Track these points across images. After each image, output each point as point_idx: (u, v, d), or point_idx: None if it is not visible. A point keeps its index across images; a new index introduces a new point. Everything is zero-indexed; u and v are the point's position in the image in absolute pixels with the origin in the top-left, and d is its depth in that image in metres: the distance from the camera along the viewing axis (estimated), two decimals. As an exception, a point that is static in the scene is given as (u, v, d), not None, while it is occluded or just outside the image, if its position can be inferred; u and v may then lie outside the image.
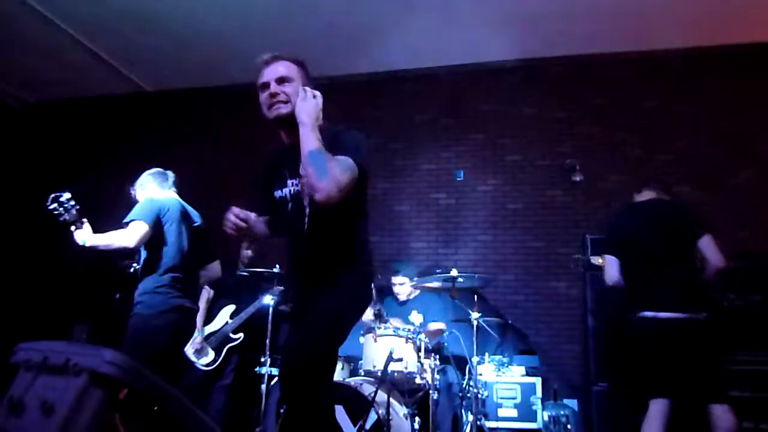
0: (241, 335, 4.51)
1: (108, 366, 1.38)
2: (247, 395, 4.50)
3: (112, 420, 1.43)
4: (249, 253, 4.72)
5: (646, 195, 3.49)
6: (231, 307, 4.58)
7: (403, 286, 4.53)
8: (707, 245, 3.17)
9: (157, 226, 3.19)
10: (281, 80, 2.16)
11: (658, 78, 5.42)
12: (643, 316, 3.13)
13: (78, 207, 3.09)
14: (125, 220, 3.16)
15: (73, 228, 3.06)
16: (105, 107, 6.78)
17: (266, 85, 2.18)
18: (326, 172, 1.90)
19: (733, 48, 5.25)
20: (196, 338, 4.34)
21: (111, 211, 4.40)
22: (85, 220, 3.10)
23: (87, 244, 3.05)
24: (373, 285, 2.33)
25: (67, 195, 3.07)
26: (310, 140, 1.98)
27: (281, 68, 2.19)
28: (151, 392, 1.49)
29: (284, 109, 2.14)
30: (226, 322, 4.52)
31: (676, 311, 3.06)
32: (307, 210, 2.16)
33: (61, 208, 3.05)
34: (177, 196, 3.50)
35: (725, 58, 5.30)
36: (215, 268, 3.70)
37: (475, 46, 5.51)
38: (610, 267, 3.33)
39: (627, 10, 4.83)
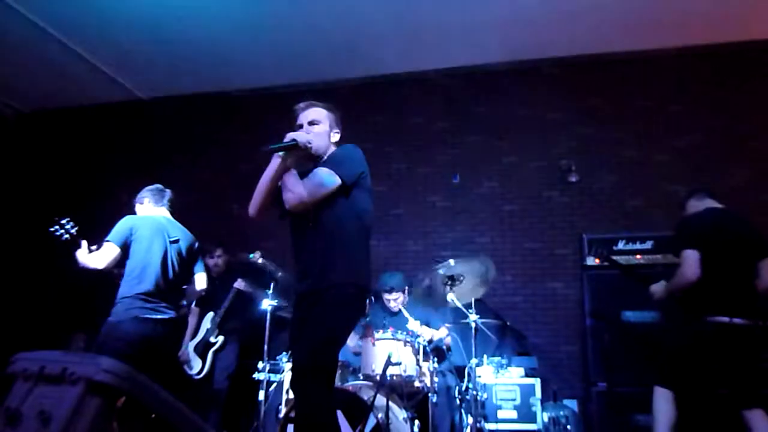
0: (221, 338, 4.67)
1: (105, 374, 1.39)
2: (245, 401, 4.50)
3: (110, 428, 1.43)
4: (219, 261, 4.91)
5: (709, 203, 3.51)
6: (210, 314, 4.76)
7: (398, 300, 4.47)
8: (765, 266, 3.33)
9: (126, 245, 3.50)
10: (312, 123, 2.59)
11: (653, 78, 5.44)
12: (717, 320, 3.16)
13: (77, 228, 3.52)
14: (106, 239, 3.50)
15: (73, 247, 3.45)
16: (100, 115, 6.77)
17: (300, 126, 2.60)
18: (291, 189, 2.37)
19: (727, 47, 5.27)
20: (183, 351, 4.65)
21: (108, 218, 4.42)
22: (83, 241, 3.47)
23: (79, 262, 3.45)
24: (365, 301, 2.49)
25: (67, 219, 3.53)
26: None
27: (312, 113, 2.62)
28: (148, 400, 1.49)
29: (312, 148, 2.50)
30: (207, 329, 4.71)
31: (746, 317, 3.17)
32: (311, 214, 2.43)
33: (62, 230, 3.49)
34: (167, 214, 3.81)
35: (720, 56, 5.33)
36: (199, 281, 3.91)
37: (469, 49, 5.52)
38: (693, 261, 3.19)
39: (621, 10, 4.85)
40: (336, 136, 2.66)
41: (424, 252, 5.55)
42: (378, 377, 3.53)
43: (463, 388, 4.06)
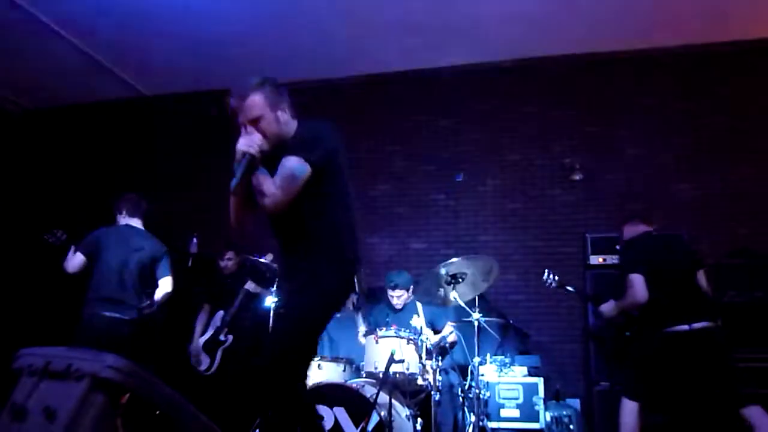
0: (230, 337, 4.65)
1: (109, 371, 1.39)
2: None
3: (115, 424, 1.43)
4: (228, 264, 4.91)
5: (642, 228, 3.79)
6: (221, 313, 4.76)
7: (401, 297, 4.49)
8: (702, 275, 3.62)
9: (91, 253, 4.06)
10: (253, 122, 2.29)
11: (657, 76, 5.43)
12: (676, 330, 3.32)
13: (66, 236, 4.12)
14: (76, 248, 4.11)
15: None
16: (103, 112, 6.78)
17: (244, 126, 2.32)
18: (264, 192, 2.17)
19: (731, 45, 5.25)
20: (193, 346, 4.72)
21: (110, 213, 4.44)
22: (72, 246, 4.07)
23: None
24: (352, 278, 2.33)
25: (61, 230, 4.13)
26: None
27: (248, 110, 2.30)
28: (152, 396, 1.50)
29: (268, 145, 2.27)
30: (216, 327, 4.71)
31: (703, 321, 3.33)
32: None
33: (54, 237, 4.11)
34: (137, 225, 4.29)
35: (723, 54, 5.31)
36: (162, 286, 4.22)
37: (471, 46, 5.52)
38: (640, 285, 3.43)
39: (624, 7, 4.84)
40: (284, 110, 2.33)
41: (427, 251, 5.54)
42: (381, 374, 3.54)
43: (466, 387, 4.06)
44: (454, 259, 3.89)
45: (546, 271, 4.23)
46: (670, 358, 3.35)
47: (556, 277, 4.18)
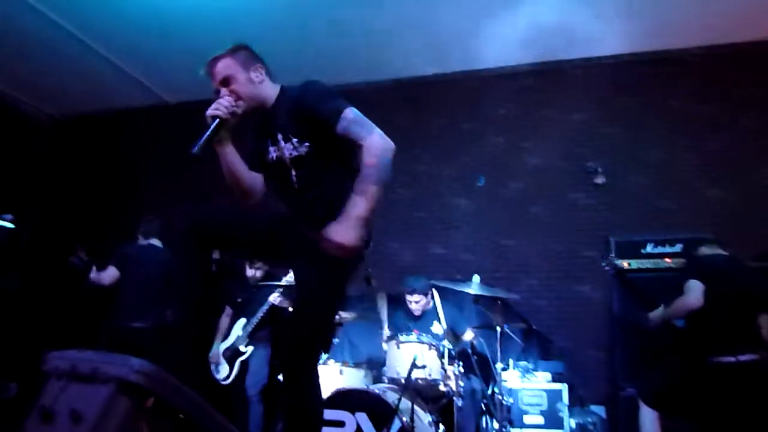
0: (251, 348, 4.62)
1: (135, 375, 1.40)
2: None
3: (139, 428, 1.44)
4: (257, 273, 4.88)
5: (718, 250, 3.62)
6: (242, 321, 4.72)
7: (419, 303, 4.47)
8: (765, 319, 3.39)
9: (121, 269, 4.71)
10: (224, 83, 2.21)
11: (680, 77, 5.34)
12: (722, 361, 3.19)
13: (88, 258, 4.70)
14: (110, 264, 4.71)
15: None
16: (130, 119, 6.91)
17: (217, 92, 2.24)
18: (384, 172, 2.03)
19: (756, 45, 5.15)
20: (213, 353, 4.73)
21: (136, 218, 4.53)
22: (93, 267, 4.68)
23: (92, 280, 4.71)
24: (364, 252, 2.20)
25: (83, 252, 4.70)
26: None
27: (218, 73, 2.23)
28: (177, 401, 1.51)
29: (241, 106, 2.19)
30: (238, 336, 4.68)
31: (750, 353, 3.19)
32: (293, 172, 2.18)
33: (78, 259, 4.67)
34: (156, 243, 4.86)
35: (748, 55, 5.20)
36: None
37: (493, 50, 5.49)
38: (698, 291, 3.29)
39: (646, 9, 4.78)
40: (259, 71, 2.25)
41: (448, 255, 5.52)
42: (403, 380, 3.53)
43: (489, 393, 4.03)
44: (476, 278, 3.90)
45: (610, 255, 4.15)
46: (712, 390, 3.23)
47: (616, 263, 4.07)
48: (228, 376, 4.60)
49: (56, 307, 6.09)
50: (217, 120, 2.09)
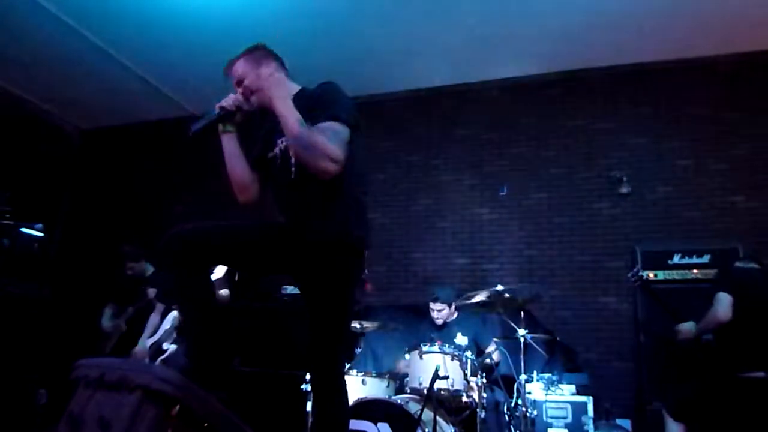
0: (172, 347, 4.26)
1: (161, 383, 1.42)
2: (291, 415, 4.42)
3: (165, 436, 1.46)
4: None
5: (753, 265, 3.56)
6: (173, 314, 4.32)
7: (442, 312, 4.45)
8: None
9: None
10: (239, 83, 2.28)
11: (706, 85, 5.26)
12: (751, 377, 3.13)
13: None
14: None
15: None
16: (155, 131, 7.03)
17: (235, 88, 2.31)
18: (316, 151, 1.94)
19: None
20: (138, 350, 4.33)
21: (163, 230, 4.57)
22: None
23: None
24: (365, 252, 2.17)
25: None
26: (288, 122, 2.01)
27: (235, 74, 2.32)
28: (201, 410, 1.52)
29: (252, 100, 2.25)
30: (165, 330, 4.34)
31: None
32: (293, 160, 2.15)
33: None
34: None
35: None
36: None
37: (516, 60, 5.49)
38: (726, 303, 3.26)
39: (671, 17, 4.73)
40: (271, 66, 2.31)
41: (471, 265, 5.49)
42: (425, 390, 3.51)
43: (512, 405, 3.98)
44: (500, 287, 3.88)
45: (636, 267, 4.10)
46: (740, 405, 3.15)
47: (642, 275, 4.01)
48: None
49: (86, 314, 6.20)
50: (221, 111, 2.17)
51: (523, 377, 3.88)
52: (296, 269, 2.20)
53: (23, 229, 4.69)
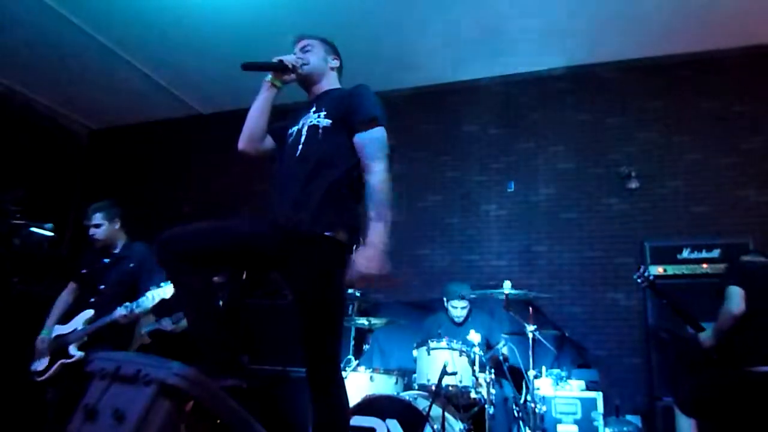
0: (81, 354, 3.57)
1: (176, 378, 1.44)
2: (300, 413, 4.39)
3: (179, 431, 1.48)
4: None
5: (761, 260, 3.56)
6: (89, 313, 3.72)
7: (464, 309, 4.46)
8: None
9: None
10: (303, 49, 2.48)
11: (716, 79, 5.23)
12: (759, 371, 3.11)
13: None
14: None
15: None
16: (164, 130, 7.08)
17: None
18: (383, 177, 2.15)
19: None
20: (43, 338, 3.73)
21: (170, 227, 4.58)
22: None
23: None
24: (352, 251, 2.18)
25: None
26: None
27: (303, 42, 2.53)
28: (215, 406, 1.54)
29: (306, 68, 2.41)
30: (75, 329, 3.69)
31: None
32: (302, 138, 2.26)
33: None
34: None
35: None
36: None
37: (524, 56, 5.48)
38: (737, 296, 3.24)
39: (681, 11, 4.71)
40: (334, 63, 2.52)
41: (479, 261, 5.49)
42: (433, 387, 3.51)
43: (521, 401, 3.98)
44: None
45: (641, 266, 4.08)
46: (752, 400, 3.13)
47: (650, 276, 3.97)
48: (43, 373, 3.61)
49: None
50: (279, 61, 2.32)
51: (532, 373, 3.88)
52: (283, 262, 2.20)
53: (33, 229, 4.66)
